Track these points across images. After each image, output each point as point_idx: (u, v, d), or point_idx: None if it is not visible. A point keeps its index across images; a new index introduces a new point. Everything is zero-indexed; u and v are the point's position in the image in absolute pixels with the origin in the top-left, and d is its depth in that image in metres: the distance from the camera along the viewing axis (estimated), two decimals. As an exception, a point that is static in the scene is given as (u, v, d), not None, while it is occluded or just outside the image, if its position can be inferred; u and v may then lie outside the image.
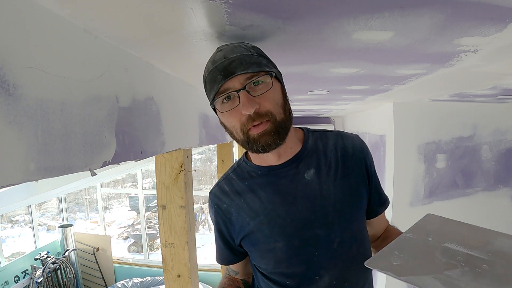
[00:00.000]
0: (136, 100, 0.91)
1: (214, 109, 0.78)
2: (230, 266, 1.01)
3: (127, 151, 0.84)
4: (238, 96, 0.71)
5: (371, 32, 0.76)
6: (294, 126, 0.87)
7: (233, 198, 0.88)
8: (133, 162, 0.91)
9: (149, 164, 5.52)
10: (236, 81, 0.71)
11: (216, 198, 0.91)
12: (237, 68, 0.70)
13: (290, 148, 0.84)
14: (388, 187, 2.65)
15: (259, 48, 0.77)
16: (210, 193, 0.94)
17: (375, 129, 3.08)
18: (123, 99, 0.83)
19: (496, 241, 0.71)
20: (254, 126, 0.73)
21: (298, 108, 3.11)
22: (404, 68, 1.21)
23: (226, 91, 0.72)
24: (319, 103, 2.58)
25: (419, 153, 2.57)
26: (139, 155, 0.91)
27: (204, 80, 0.77)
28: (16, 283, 4.78)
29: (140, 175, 6.49)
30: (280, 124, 0.75)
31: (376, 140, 3.00)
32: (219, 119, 0.80)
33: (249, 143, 0.76)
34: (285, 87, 0.82)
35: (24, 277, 4.91)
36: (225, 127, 0.80)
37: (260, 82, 0.72)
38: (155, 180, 1.42)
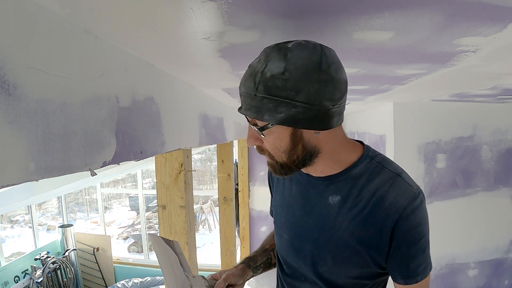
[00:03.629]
0: (136, 100, 0.91)
1: None
2: None
3: (127, 151, 0.84)
4: (249, 123, 0.73)
5: (371, 32, 0.76)
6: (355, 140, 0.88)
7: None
8: (133, 162, 0.91)
9: (149, 164, 5.52)
10: (243, 111, 0.72)
11: None
12: (243, 105, 0.71)
13: (331, 169, 0.82)
14: (388, 187, 2.65)
15: (287, 73, 0.64)
16: None
17: (375, 129, 3.08)
18: (123, 99, 0.83)
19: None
20: (263, 154, 0.77)
21: (298, 108, 3.09)
22: (404, 68, 1.21)
23: (241, 110, 0.73)
24: (319, 103, 2.57)
25: (419, 153, 2.57)
26: (139, 155, 0.91)
27: None
28: (16, 283, 4.78)
29: (140, 175, 6.50)
30: (282, 165, 0.76)
31: (376, 140, 3.00)
32: None
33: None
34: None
35: (24, 277, 4.91)
36: None
37: (256, 126, 0.71)
38: (155, 180, 1.42)
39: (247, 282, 1.13)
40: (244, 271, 1.05)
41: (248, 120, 0.72)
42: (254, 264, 1.09)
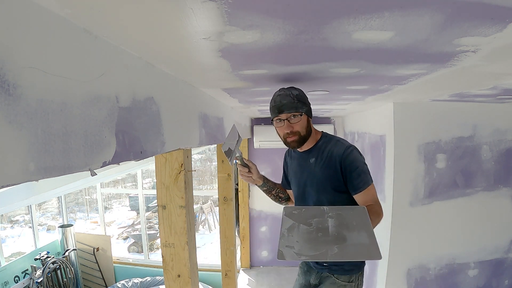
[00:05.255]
0: (136, 100, 0.91)
1: (272, 122, 1.53)
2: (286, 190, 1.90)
3: (127, 151, 0.84)
4: (284, 121, 1.47)
5: (371, 32, 0.76)
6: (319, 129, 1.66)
7: (291, 156, 1.76)
8: (133, 162, 0.91)
9: (149, 164, 5.52)
10: (284, 115, 1.46)
11: (286, 153, 1.83)
12: (285, 109, 1.45)
13: (308, 145, 1.60)
14: (388, 187, 2.65)
15: (300, 94, 1.47)
16: (286, 151, 1.83)
17: (375, 129, 3.08)
18: (123, 99, 0.83)
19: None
20: (289, 137, 1.50)
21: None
22: (404, 68, 1.21)
23: (278, 118, 1.48)
24: (319, 103, 2.58)
25: (419, 153, 2.57)
26: (139, 155, 0.91)
27: (270, 108, 1.51)
28: (16, 283, 4.77)
29: (140, 175, 6.49)
30: (302, 138, 1.52)
31: (376, 140, 3.00)
32: (275, 127, 1.54)
33: (286, 144, 1.56)
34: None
35: (24, 277, 4.91)
36: (277, 132, 1.55)
37: (295, 116, 1.46)
38: (155, 180, 1.42)
39: (247, 282, 1.25)
40: (261, 177, 1.77)
41: (283, 120, 1.46)
42: (267, 181, 1.81)
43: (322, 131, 1.65)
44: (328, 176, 1.52)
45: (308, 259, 1.29)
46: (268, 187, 1.83)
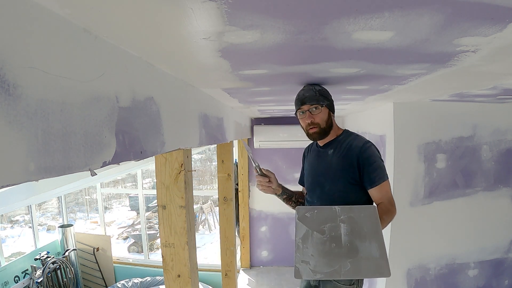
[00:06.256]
0: (136, 100, 0.91)
1: (296, 114, 1.61)
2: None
3: (127, 151, 0.84)
4: (306, 112, 1.54)
5: (371, 32, 0.76)
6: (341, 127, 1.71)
7: (310, 150, 1.83)
8: (133, 162, 0.91)
9: (149, 164, 5.52)
10: (306, 106, 1.53)
11: (306, 148, 1.90)
12: (307, 101, 1.52)
13: (329, 139, 1.65)
14: (388, 187, 2.64)
15: (322, 89, 1.54)
16: (306, 148, 1.91)
17: (375, 129, 3.08)
18: (123, 99, 0.83)
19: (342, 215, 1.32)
20: (311, 128, 1.56)
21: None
22: (404, 68, 1.21)
23: (301, 109, 1.55)
24: (319, 103, 2.57)
25: (419, 153, 2.57)
26: (139, 155, 0.91)
27: (294, 101, 1.58)
28: (16, 283, 4.77)
29: (140, 175, 6.49)
30: (322, 130, 1.58)
31: (376, 140, 3.00)
32: (299, 120, 1.62)
33: (308, 136, 1.62)
34: (284, 87, 1.61)
35: (24, 277, 4.91)
36: (301, 125, 1.62)
37: (316, 108, 1.53)
38: (155, 180, 1.42)
39: (247, 282, 1.27)
40: (280, 185, 1.80)
41: (305, 111, 1.54)
42: (285, 189, 1.83)
43: (345, 129, 1.71)
44: (344, 166, 1.56)
45: (323, 278, 1.28)
46: (288, 194, 1.82)
